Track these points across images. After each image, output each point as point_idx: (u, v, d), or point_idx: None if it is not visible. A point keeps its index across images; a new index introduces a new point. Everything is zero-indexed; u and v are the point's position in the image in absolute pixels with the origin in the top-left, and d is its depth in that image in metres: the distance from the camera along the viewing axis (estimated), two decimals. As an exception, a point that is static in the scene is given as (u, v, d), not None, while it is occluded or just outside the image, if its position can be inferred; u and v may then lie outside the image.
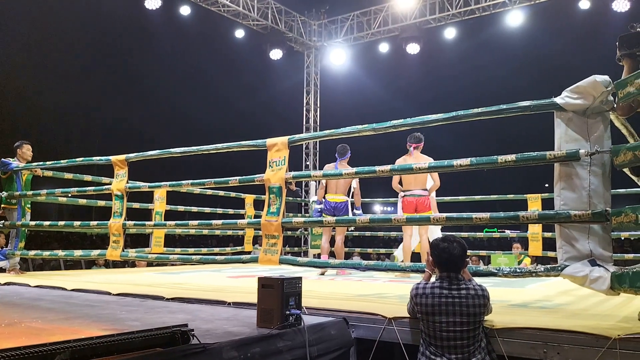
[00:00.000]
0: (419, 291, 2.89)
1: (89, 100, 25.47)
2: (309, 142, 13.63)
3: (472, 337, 2.75)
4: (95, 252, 6.39)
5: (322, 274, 6.50)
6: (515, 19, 11.55)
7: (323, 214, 6.74)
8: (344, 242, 7.11)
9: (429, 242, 4.99)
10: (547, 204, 7.63)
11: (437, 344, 2.78)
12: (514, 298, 4.21)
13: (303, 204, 12.54)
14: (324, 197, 6.82)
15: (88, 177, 7.37)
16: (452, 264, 2.87)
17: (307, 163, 13.70)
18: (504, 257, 7.73)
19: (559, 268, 3.21)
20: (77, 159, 6.44)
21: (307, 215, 10.97)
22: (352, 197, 6.98)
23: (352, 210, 6.98)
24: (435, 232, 6.67)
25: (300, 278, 3.08)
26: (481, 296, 2.80)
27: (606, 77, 3.13)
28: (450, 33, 12.54)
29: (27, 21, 20.53)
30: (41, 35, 21.61)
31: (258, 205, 9.10)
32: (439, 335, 2.78)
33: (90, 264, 10.34)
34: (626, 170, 3.44)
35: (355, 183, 6.85)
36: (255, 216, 8.82)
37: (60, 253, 7.22)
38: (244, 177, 4.88)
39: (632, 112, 3.30)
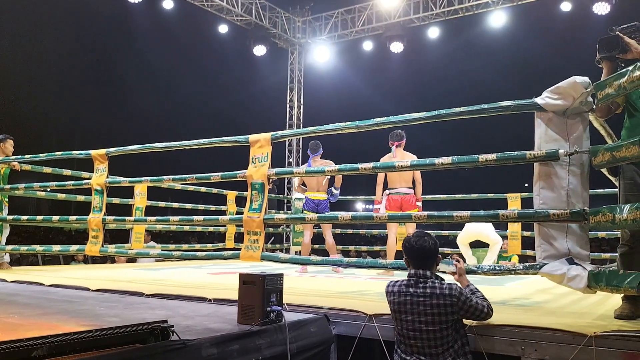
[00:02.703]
0: (389, 289, 2.86)
1: (69, 97, 25.12)
2: (292, 139, 13.60)
3: (440, 338, 2.67)
4: (74, 248, 6.32)
5: (303, 271, 6.49)
6: (498, 19, 11.65)
7: (304, 211, 6.71)
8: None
9: None
10: (527, 203, 7.72)
11: (406, 342, 2.76)
12: (493, 296, 4.22)
13: (285, 201, 12.52)
14: (305, 195, 6.81)
15: (67, 172, 7.27)
16: (421, 260, 2.82)
17: (290, 160, 13.68)
18: (483, 252, 7.77)
19: (538, 266, 3.26)
20: (57, 153, 6.35)
21: (289, 212, 10.96)
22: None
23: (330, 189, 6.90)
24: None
25: (281, 275, 3.08)
26: (447, 295, 2.68)
27: (586, 79, 3.17)
28: (433, 32, 12.60)
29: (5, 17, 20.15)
30: (18, 31, 21.26)
31: (240, 202, 9.06)
32: (406, 334, 2.75)
33: (68, 259, 10.21)
34: (604, 170, 3.49)
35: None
36: (238, 213, 8.78)
37: (38, 248, 7.12)
38: (226, 173, 4.86)
39: (610, 114, 3.36)
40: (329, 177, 6.70)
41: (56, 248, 6.76)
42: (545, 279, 3.29)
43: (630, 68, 2.81)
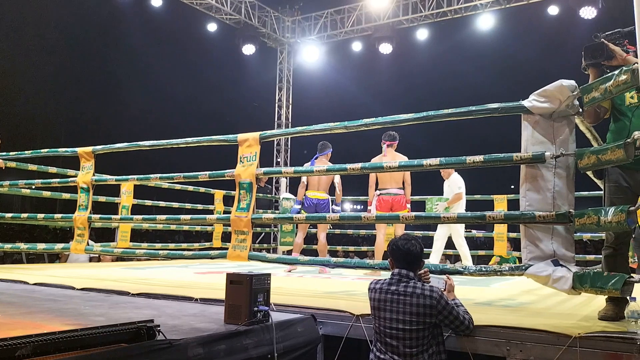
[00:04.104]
0: (371, 286, 2.91)
1: (55, 93, 24.87)
2: (280, 139, 13.57)
3: (416, 339, 2.69)
4: (59, 246, 6.27)
5: (290, 271, 6.48)
6: (486, 22, 11.72)
7: (302, 212, 6.63)
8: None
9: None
10: (513, 204, 7.78)
11: (382, 340, 2.78)
12: (479, 296, 4.28)
13: (273, 201, 12.50)
14: (305, 194, 6.75)
15: (53, 169, 7.21)
16: (406, 262, 2.86)
17: (278, 160, 13.66)
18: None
19: (523, 267, 3.28)
20: (42, 150, 6.30)
21: (276, 212, 10.94)
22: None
23: (332, 206, 6.91)
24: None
25: (269, 274, 3.07)
26: (428, 297, 2.71)
27: (572, 82, 3.20)
28: (422, 34, 12.64)
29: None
30: (2, 26, 20.99)
31: (228, 201, 9.02)
32: (383, 332, 2.78)
33: (53, 257, 10.12)
34: (589, 173, 3.53)
35: (337, 179, 6.74)
36: (225, 212, 8.75)
37: (23, 246, 7.05)
38: (214, 172, 4.84)
39: (599, 120, 3.37)
40: (333, 179, 6.68)
41: (41, 246, 6.70)
42: (530, 280, 3.31)
43: (615, 72, 2.84)
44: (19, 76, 22.40)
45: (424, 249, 3.02)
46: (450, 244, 7.25)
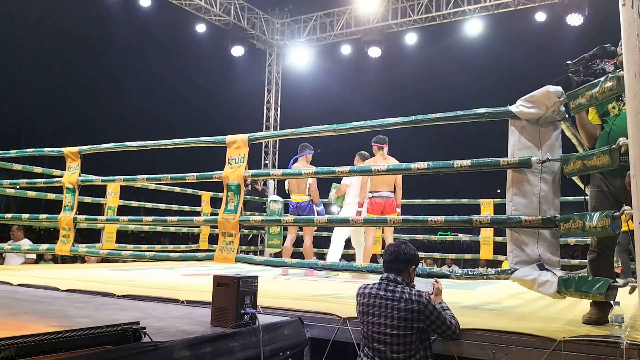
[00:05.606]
0: (360, 290, 2.92)
1: (42, 92, 24.65)
2: (268, 141, 13.56)
3: (403, 344, 2.70)
4: (43, 247, 6.20)
5: (284, 274, 6.45)
6: (474, 27, 11.80)
7: (289, 215, 6.65)
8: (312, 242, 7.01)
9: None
10: (500, 209, 7.83)
11: (369, 345, 2.79)
12: (465, 300, 4.30)
13: (261, 203, 12.46)
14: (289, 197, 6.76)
15: (38, 169, 7.14)
16: (392, 264, 2.88)
17: (266, 162, 13.64)
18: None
19: (509, 271, 3.30)
20: (27, 150, 6.24)
21: (264, 214, 10.92)
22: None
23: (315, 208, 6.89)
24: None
25: (256, 277, 3.07)
26: (415, 302, 2.72)
27: (559, 88, 3.23)
28: (411, 38, 12.72)
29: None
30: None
31: (215, 203, 8.99)
32: (370, 337, 2.78)
33: (37, 258, 9.98)
34: (575, 178, 3.56)
35: (310, 181, 6.71)
36: (212, 214, 8.71)
37: (6, 246, 6.97)
38: (201, 173, 4.82)
39: (595, 141, 3.35)
40: (309, 180, 6.68)
41: (25, 247, 6.62)
42: (516, 284, 3.34)
43: (602, 79, 2.88)
44: (5, 76, 22.17)
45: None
46: (433, 248, 7.30)
